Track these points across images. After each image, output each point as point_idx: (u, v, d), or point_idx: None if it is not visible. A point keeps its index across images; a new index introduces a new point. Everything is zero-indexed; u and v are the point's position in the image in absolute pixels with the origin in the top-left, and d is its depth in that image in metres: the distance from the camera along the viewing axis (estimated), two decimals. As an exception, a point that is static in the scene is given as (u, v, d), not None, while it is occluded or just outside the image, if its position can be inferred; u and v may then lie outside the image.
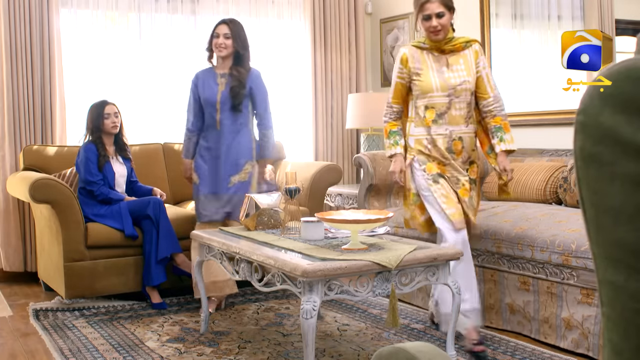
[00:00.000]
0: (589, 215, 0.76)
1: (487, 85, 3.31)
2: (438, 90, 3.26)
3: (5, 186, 4.70)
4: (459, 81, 3.26)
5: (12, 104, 4.73)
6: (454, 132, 3.27)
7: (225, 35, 3.90)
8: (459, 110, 3.27)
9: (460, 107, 3.27)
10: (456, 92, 3.25)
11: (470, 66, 3.29)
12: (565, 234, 3.19)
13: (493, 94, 3.32)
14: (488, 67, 3.36)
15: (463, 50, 3.30)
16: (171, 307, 4.09)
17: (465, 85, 3.26)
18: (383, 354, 1.02)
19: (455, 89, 3.25)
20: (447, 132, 3.27)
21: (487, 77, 3.33)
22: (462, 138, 3.29)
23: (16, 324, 3.82)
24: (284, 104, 5.69)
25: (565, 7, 4.35)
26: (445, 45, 3.28)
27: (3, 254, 4.82)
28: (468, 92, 3.27)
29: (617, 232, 0.72)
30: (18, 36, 4.73)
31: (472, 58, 3.30)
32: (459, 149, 3.29)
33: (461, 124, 3.28)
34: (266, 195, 3.60)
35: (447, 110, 3.26)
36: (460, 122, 3.28)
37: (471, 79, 3.27)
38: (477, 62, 3.31)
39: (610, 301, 0.75)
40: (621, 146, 0.70)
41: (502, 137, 3.27)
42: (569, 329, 3.11)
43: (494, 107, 3.31)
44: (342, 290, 2.72)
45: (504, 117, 3.31)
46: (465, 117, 3.28)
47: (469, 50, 3.32)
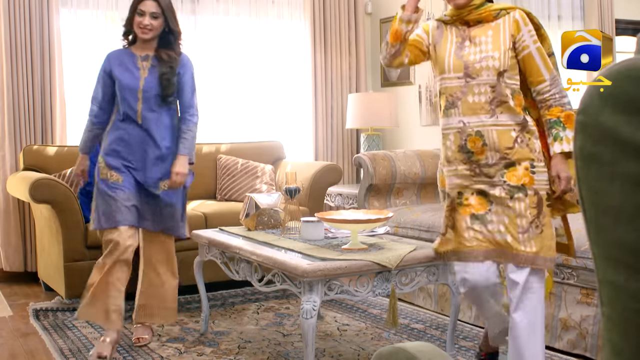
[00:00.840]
0: (589, 215, 0.76)
1: (540, 65, 2.52)
2: (450, 70, 2.57)
3: (5, 186, 4.70)
4: (478, 57, 2.53)
5: (12, 104, 4.73)
6: (470, 125, 2.53)
7: (153, 14, 3.20)
8: (478, 95, 2.52)
9: (480, 92, 2.52)
10: (473, 72, 2.52)
11: (502, 39, 2.53)
12: (565, 234, 3.18)
13: (549, 75, 2.52)
14: (543, 41, 2.55)
15: (495, 20, 2.56)
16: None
17: (488, 63, 2.51)
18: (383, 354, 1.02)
19: (472, 68, 2.53)
20: (459, 125, 2.55)
21: (540, 54, 2.52)
22: (481, 133, 2.52)
23: (16, 324, 3.82)
24: (284, 104, 5.69)
25: (565, 7, 4.36)
26: (469, 14, 2.57)
27: (3, 254, 4.82)
28: (492, 71, 2.51)
29: (617, 232, 0.72)
30: (18, 36, 4.73)
31: (509, 29, 2.53)
32: (479, 148, 2.53)
33: (481, 114, 2.52)
34: (266, 195, 3.60)
35: (461, 96, 2.55)
36: (480, 112, 2.52)
37: (499, 55, 2.50)
38: (518, 35, 2.52)
39: (610, 301, 0.76)
40: (621, 146, 0.70)
41: (558, 135, 2.49)
42: (566, 329, 3.11)
43: (551, 95, 2.52)
44: (342, 290, 2.72)
45: (565, 106, 2.51)
46: (489, 105, 2.51)
47: (503, 20, 2.55)
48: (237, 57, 5.48)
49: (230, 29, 5.47)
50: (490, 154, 2.53)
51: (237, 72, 5.49)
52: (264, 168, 4.99)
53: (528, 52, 2.52)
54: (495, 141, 2.52)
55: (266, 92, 5.61)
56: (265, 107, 5.62)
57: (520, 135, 2.53)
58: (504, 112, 2.51)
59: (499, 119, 2.51)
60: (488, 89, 2.51)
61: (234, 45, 5.47)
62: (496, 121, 2.51)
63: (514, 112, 2.52)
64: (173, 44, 3.29)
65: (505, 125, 2.52)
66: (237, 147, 5.20)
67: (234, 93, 5.50)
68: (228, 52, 5.45)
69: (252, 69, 5.54)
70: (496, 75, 2.51)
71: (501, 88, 2.51)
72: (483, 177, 2.55)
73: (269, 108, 5.63)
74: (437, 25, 2.69)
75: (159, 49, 3.28)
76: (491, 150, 2.52)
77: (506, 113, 2.51)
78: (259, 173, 4.94)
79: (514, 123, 2.52)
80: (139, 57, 3.28)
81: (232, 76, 5.47)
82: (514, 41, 2.53)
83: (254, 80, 5.55)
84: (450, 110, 2.57)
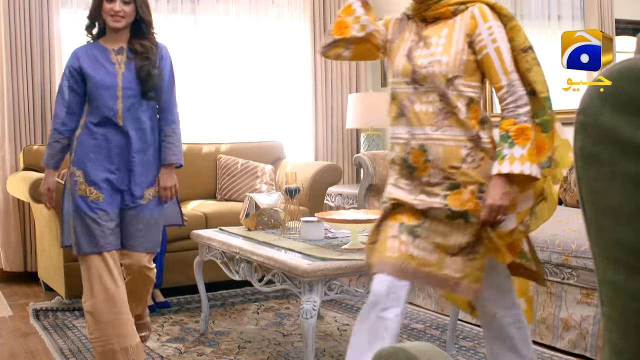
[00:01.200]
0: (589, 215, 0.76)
1: (497, 69, 2.16)
2: (399, 73, 2.26)
3: (5, 186, 4.71)
4: (426, 62, 2.18)
5: (12, 104, 4.73)
6: (415, 137, 2.20)
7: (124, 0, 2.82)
8: (426, 104, 2.19)
9: (428, 100, 2.19)
10: (420, 78, 2.19)
11: (455, 41, 2.19)
12: (565, 233, 3.18)
13: (507, 81, 2.16)
14: (503, 40, 2.17)
15: (453, 17, 2.22)
16: (171, 307, 4.09)
17: (434, 68, 2.16)
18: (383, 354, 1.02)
19: (419, 73, 2.19)
20: (406, 136, 2.23)
21: (499, 55, 2.16)
22: (425, 147, 2.18)
23: (16, 324, 3.82)
24: (284, 104, 5.69)
25: (565, 7, 4.35)
26: (428, 10, 2.25)
27: (3, 254, 4.82)
28: (439, 78, 2.16)
29: (617, 232, 0.72)
30: (18, 36, 4.73)
31: (464, 28, 2.19)
32: (422, 164, 2.19)
33: (427, 126, 2.18)
34: (266, 195, 3.60)
35: (409, 104, 2.22)
36: (426, 123, 2.18)
37: (447, 60, 2.16)
38: (475, 33, 2.17)
39: (610, 301, 0.76)
40: (621, 146, 0.70)
41: (501, 153, 2.12)
42: (567, 329, 3.11)
43: (506, 104, 2.18)
44: (342, 290, 2.72)
45: (519, 118, 2.15)
46: (435, 116, 2.17)
47: (461, 17, 2.20)
48: (237, 57, 5.48)
49: (230, 29, 5.47)
50: (433, 171, 2.18)
51: (237, 72, 5.49)
52: (264, 168, 4.99)
53: (485, 53, 2.16)
54: (440, 158, 2.16)
55: (266, 92, 5.61)
56: (265, 107, 5.62)
57: (471, 154, 2.17)
58: (452, 126, 2.17)
59: (445, 133, 2.16)
60: (436, 98, 2.18)
61: (234, 45, 5.47)
62: (442, 135, 2.17)
63: (465, 125, 2.16)
64: (146, 33, 2.89)
65: (453, 140, 2.17)
66: (237, 147, 5.20)
67: (234, 93, 5.50)
68: (228, 52, 5.45)
69: (252, 69, 5.54)
70: (444, 82, 2.16)
71: (450, 97, 2.16)
72: (423, 196, 2.19)
73: (269, 108, 5.63)
74: (400, 19, 2.36)
75: (132, 40, 2.87)
76: (434, 168, 2.17)
77: (455, 127, 2.17)
78: (259, 173, 4.94)
79: (465, 138, 2.17)
80: (112, 51, 2.86)
81: (232, 76, 5.47)
82: (471, 40, 2.18)
83: (254, 80, 5.55)
84: (400, 118, 2.25)
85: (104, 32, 2.91)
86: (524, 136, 2.10)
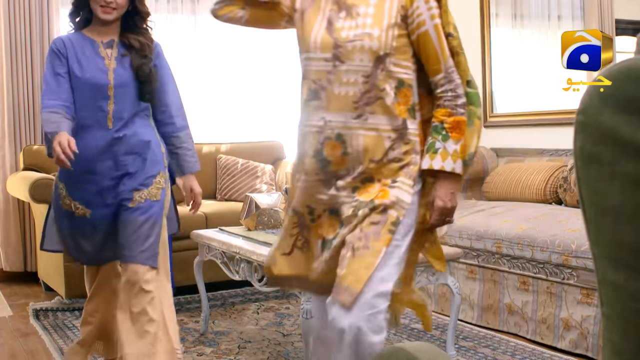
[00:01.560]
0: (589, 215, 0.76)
1: (437, 50, 1.88)
2: (317, 48, 1.89)
3: (5, 186, 4.71)
4: (352, 34, 1.85)
5: (12, 104, 4.73)
6: (332, 125, 1.86)
7: None
8: (346, 85, 1.85)
9: (349, 81, 1.85)
10: (343, 54, 1.85)
11: (388, 11, 1.88)
12: (565, 234, 3.19)
13: (445, 66, 1.89)
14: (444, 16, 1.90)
15: None
16: (171, 307, 4.09)
17: (363, 42, 1.84)
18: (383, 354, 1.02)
19: (342, 48, 1.85)
20: (320, 124, 1.88)
21: (438, 35, 1.87)
22: (343, 137, 1.85)
23: (16, 324, 3.82)
24: (284, 104, 5.69)
25: (565, 7, 4.36)
26: None
27: (3, 254, 4.82)
28: (367, 55, 1.84)
29: (617, 232, 0.72)
30: (18, 36, 4.73)
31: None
32: (338, 157, 1.87)
33: (346, 112, 1.85)
34: (266, 195, 3.60)
35: (327, 85, 1.87)
36: (346, 108, 1.85)
37: (379, 33, 1.84)
38: (412, 5, 1.88)
39: (610, 301, 0.76)
40: (621, 146, 0.70)
41: (433, 146, 1.88)
42: (567, 329, 3.11)
43: (443, 91, 1.90)
44: (342, 290, 2.71)
45: (456, 110, 1.89)
46: (357, 101, 1.85)
47: None
48: (237, 57, 5.48)
49: (231, 29, 5.46)
50: (351, 166, 1.87)
51: (237, 72, 5.49)
52: (264, 168, 4.99)
53: (424, 31, 1.86)
54: (360, 151, 1.85)
55: (266, 92, 5.61)
56: (266, 107, 5.62)
57: (394, 146, 1.87)
58: (376, 113, 1.85)
59: (368, 121, 1.85)
60: (360, 79, 1.84)
61: (234, 45, 5.47)
62: (364, 123, 1.85)
63: (391, 112, 1.85)
64: (140, 27, 2.57)
65: (376, 130, 1.85)
66: (237, 147, 5.20)
67: (234, 93, 5.50)
68: (228, 52, 5.45)
69: (252, 69, 5.54)
70: (373, 60, 1.84)
71: (377, 79, 1.84)
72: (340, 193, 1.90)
73: (269, 108, 5.63)
74: None
75: (125, 34, 2.53)
76: (353, 162, 1.86)
77: (380, 114, 1.85)
78: (259, 173, 4.94)
79: (389, 128, 1.86)
80: (101, 44, 2.50)
81: (232, 76, 5.47)
82: (406, 14, 1.88)
83: (254, 80, 5.55)
84: (312, 102, 1.89)
85: (89, 21, 2.54)
86: (459, 130, 1.88)
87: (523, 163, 4.27)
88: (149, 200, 2.50)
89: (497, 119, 4.73)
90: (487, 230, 3.55)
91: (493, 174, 4.35)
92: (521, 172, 4.12)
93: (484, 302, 3.56)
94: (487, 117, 4.76)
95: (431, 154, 1.87)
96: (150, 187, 2.52)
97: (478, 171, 4.48)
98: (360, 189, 1.88)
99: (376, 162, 1.87)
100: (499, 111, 4.75)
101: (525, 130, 4.48)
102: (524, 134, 4.46)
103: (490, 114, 4.77)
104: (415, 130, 1.91)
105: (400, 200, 1.86)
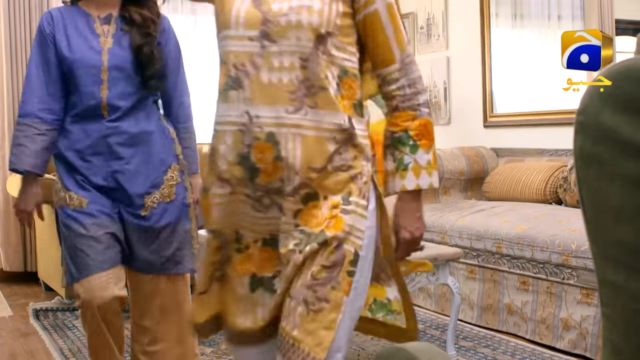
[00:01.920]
0: (589, 215, 0.76)
1: (389, 36, 1.52)
2: (239, 23, 1.48)
3: (5, 186, 4.71)
4: (285, 7, 1.45)
5: (12, 104, 4.73)
6: (260, 122, 1.44)
7: None
8: (279, 71, 1.44)
9: (282, 66, 1.44)
10: (274, 31, 1.44)
11: None
12: (565, 234, 3.19)
13: (401, 55, 1.52)
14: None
15: None
16: (171, 307, 4.09)
17: (300, 17, 1.44)
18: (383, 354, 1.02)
19: (274, 23, 1.44)
20: (243, 120, 1.46)
21: (392, 17, 1.51)
22: (276, 138, 1.44)
23: (16, 324, 3.82)
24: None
25: (565, 7, 4.36)
26: None
27: (3, 254, 4.82)
28: (306, 32, 1.44)
29: (617, 232, 0.72)
30: (18, 36, 4.73)
31: None
32: (270, 163, 1.45)
33: (279, 105, 1.44)
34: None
35: (252, 70, 1.45)
36: (279, 101, 1.44)
37: (321, 7, 1.45)
38: None
39: (610, 301, 0.76)
40: (621, 146, 0.70)
41: (402, 161, 1.52)
42: (567, 329, 3.11)
43: (398, 87, 1.53)
44: (342, 290, 2.71)
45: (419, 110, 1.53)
46: (295, 90, 1.44)
47: None
48: (237, 57, 5.48)
49: (230, 29, 5.48)
50: (287, 174, 1.45)
51: (237, 72, 5.49)
52: (264, 168, 4.97)
53: (373, 10, 1.49)
54: (297, 155, 1.43)
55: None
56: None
57: (340, 150, 1.46)
58: (318, 107, 1.44)
59: (307, 117, 1.43)
60: (296, 63, 1.44)
61: (234, 45, 5.47)
62: (302, 120, 1.43)
63: (335, 108, 1.45)
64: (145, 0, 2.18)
65: (318, 130, 1.45)
66: (237, 147, 5.20)
67: (234, 93, 5.50)
68: (228, 52, 5.45)
69: (252, 69, 5.54)
70: (313, 39, 1.44)
71: (317, 63, 1.44)
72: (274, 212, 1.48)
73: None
74: None
75: (126, 7, 2.16)
76: (289, 170, 1.44)
77: (322, 108, 1.44)
78: (259, 173, 4.93)
79: (334, 127, 1.46)
80: (97, 19, 2.14)
81: (232, 76, 5.47)
82: None
83: (254, 80, 5.55)
84: (231, 91, 1.47)
85: None
86: (428, 134, 1.53)
87: (523, 163, 4.27)
88: (162, 203, 2.20)
89: (497, 119, 4.73)
90: (487, 230, 3.55)
91: (493, 174, 4.35)
92: (521, 172, 4.13)
93: (483, 302, 3.57)
94: (487, 117, 4.76)
95: (401, 171, 1.52)
96: (162, 187, 2.20)
97: (478, 171, 4.48)
98: (303, 213, 1.46)
99: (318, 171, 1.44)
100: (499, 111, 4.75)
101: (525, 130, 4.48)
102: (524, 134, 4.46)
103: (490, 114, 4.77)
104: (363, 131, 1.51)
105: (355, 230, 1.46)
